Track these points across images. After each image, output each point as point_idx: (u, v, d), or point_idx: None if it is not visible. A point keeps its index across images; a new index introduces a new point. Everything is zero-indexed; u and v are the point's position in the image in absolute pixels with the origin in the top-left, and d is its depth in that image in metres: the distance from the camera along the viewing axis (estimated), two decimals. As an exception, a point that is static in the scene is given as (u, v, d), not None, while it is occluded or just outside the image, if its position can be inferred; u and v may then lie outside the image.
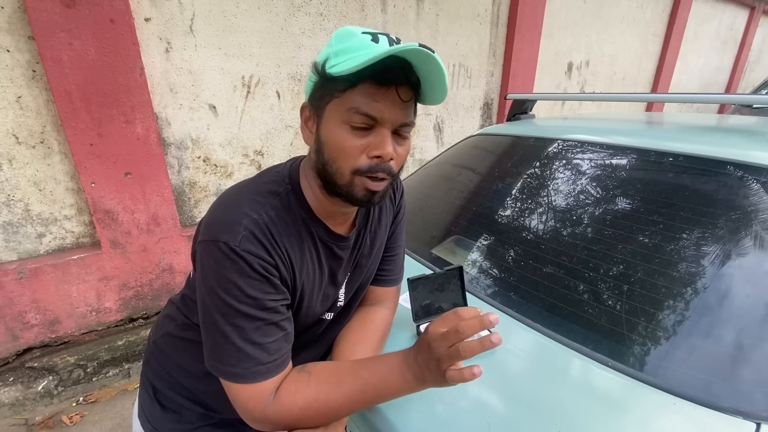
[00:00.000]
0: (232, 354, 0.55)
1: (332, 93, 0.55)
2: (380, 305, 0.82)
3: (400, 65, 0.52)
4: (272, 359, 0.57)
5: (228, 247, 0.54)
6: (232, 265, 0.54)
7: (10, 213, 1.67)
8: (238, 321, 0.55)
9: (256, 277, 0.55)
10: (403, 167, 0.64)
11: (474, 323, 0.49)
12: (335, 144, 0.56)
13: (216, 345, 0.56)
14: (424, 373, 0.54)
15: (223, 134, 2.13)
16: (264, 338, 0.56)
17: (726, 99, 1.25)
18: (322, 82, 0.56)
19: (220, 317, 0.55)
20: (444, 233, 1.20)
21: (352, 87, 0.53)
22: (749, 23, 6.59)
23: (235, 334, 0.55)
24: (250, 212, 0.57)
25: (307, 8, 2.22)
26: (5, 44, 1.51)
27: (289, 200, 0.62)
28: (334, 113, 0.55)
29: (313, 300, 0.67)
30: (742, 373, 0.63)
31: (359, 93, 0.53)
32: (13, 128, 1.59)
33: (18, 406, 1.77)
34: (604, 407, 0.63)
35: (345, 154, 0.55)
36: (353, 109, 0.53)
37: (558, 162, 1.17)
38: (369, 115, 0.53)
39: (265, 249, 0.56)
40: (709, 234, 0.80)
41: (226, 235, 0.54)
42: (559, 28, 3.76)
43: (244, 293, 0.54)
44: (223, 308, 0.55)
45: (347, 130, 0.55)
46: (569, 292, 0.84)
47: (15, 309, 1.71)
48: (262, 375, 0.56)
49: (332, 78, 0.53)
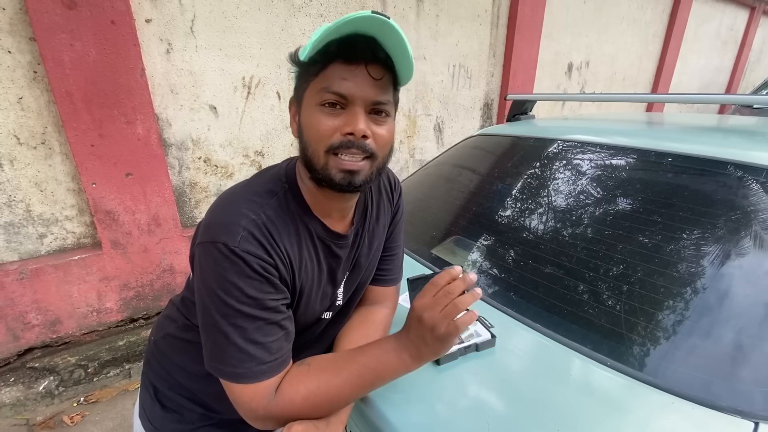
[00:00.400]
0: (234, 355, 0.56)
1: (307, 78, 0.56)
2: (380, 305, 0.82)
3: (366, 42, 0.53)
4: (274, 358, 0.57)
5: (227, 248, 0.54)
6: (232, 265, 0.54)
7: (11, 213, 1.68)
8: (239, 321, 0.55)
9: (256, 278, 0.55)
10: (391, 153, 0.63)
11: (459, 284, 0.55)
12: (310, 126, 0.56)
13: (217, 346, 0.57)
14: (420, 348, 0.57)
15: (224, 135, 2.14)
16: (265, 338, 0.57)
17: (726, 99, 1.25)
18: (299, 71, 0.58)
19: (220, 318, 0.55)
20: (444, 233, 1.20)
21: (323, 69, 0.54)
22: (749, 23, 6.59)
23: (237, 335, 0.55)
24: (248, 213, 0.57)
25: (308, 9, 2.23)
26: (7, 45, 1.52)
27: (286, 199, 0.62)
28: (310, 98, 0.56)
29: (312, 298, 0.67)
30: (741, 373, 0.63)
31: (329, 73, 0.54)
32: (14, 129, 1.60)
33: (19, 406, 1.78)
34: (603, 407, 0.63)
35: (319, 134, 0.55)
36: (324, 89, 0.54)
37: (558, 162, 1.18)
38: (338, 93, 0.54)
39: (264, 249, 0.56)
40: (709, 234, 0.80)
41: (225, 236, 0.54)
42: (559, 29, 3.76)
43: (245, 293, 0.55)
44: (224, 309, 0.55)
45: (320, 111, 0.55)
46: (569, 292, 0.84)
47: (16, 309, 1.71)
48: (264, 374, 0.57)
49: (305, 63, 0.56)
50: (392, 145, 0.62)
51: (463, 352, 0.75)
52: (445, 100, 3.14)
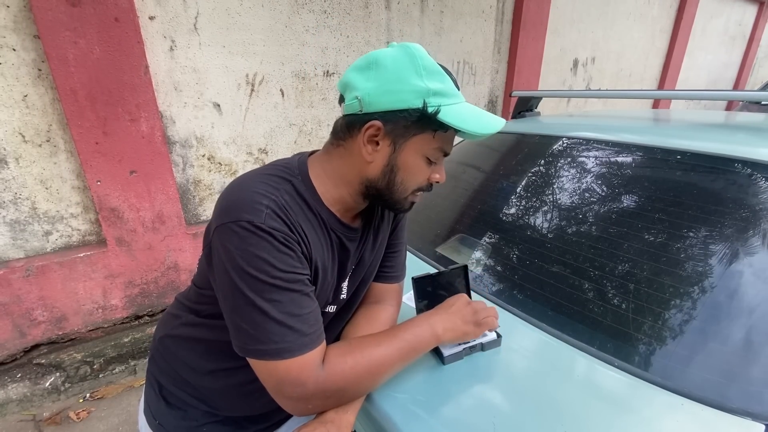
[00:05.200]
0: (274, 330, 0.55)
1: (423, 128, 0.61)
2: (385, 303, 0.82)
3: None
4: (313, 330, 0.58)
5: (253, 225, 0.54)
6: (260, 241, 0.54)
7: (17, 211, 1.69)
8: (275, 295, 0.55)
9: (285, 251, 0.56)
10: None
11: None
12: (413, 171, 0.64)
13: (255, 325, 0.55)
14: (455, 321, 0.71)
15: (228, 132, 2.13)
16: (302, 310, 0.57)
17: (734, 96, 1.23)
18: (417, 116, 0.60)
19: (255, 295, 0.55)
20: (448, 232, 1.20)
21: (446, 131, 0.61)
22: (758, 19, 6.51)
23: (275, 310, 0.55)
24: (267, 193, 0.58)
25: (311, 6, 2.22)
26: (11, 43, 1.52)
27: (299, 188, 0.63)
28: (420, 146, 0.62)
29: (323, 284, 0.67)
30: (752, 374, 0.62)
31: (448, 137, 0.64)
32: (19, 127, 1.60)
33: (26, 402, 1.79)
34: (610, 407, 0.63)
35: (417, 180, 0.65)
36: (440, 149, 0.64)
37: (563, 160, 1.17)
38: (447, 154, 0.66)
39: (287, 225, 0.57)
40: (717, 232, 0.79)
41: (250, 215, 0.55)
42: (565, 25, 3.72)
43: (276, 267, 0.55)
44: (257, 285, 0.55)
45: (426, 162, 0.64)
46: (575, 291, 0.83)
47: (23, 306, 1.72)
48: (307, 346, 0.57)
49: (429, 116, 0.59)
50: None
51: (469, 351, 0.75)
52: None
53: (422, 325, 0.69)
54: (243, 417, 0.70)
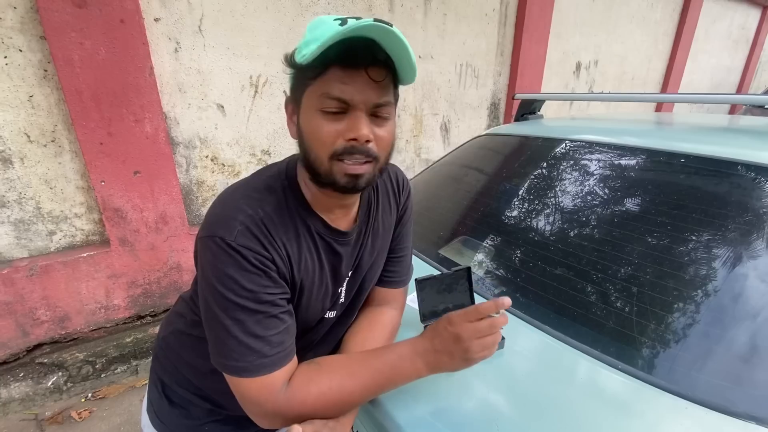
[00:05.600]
0: (235, 348, 0.56)
1: (305, 82, 0.55)
2: (388, 306, 0.82)
3: (365, 45, 0.51)
4: (275, 351, 0.57)
5: (224, 242, 0.54)
6: (229, 259, 0.55)
7: (21, 211, 1.69)
8: (239, 315, 0.55)
9: (254, 271, 0.55)
10: (392, 151, 0.62)
11: (504, 319, 0.60)
12: (312, 131, 0.55)
13: (219, 340, 0.57)
14: (441, 360, 0.60)
15: (231, 133, 2.14)
16: (266, 331, 0.57)
17: (737, 99, 1.23)
18: (296, 73, 0.57)
19: (220, 312, 0.55)
20: (451, 233, 1.20)
21: (322, 73, 0.52)
22: (761, 22, 6.50)
23: (237, 328, 0.55)
24: (245, 208, 0.57)
25: (315, 8, 2.23)
26: (18, 44, 1.53)
27: (285, 196, 0.62)
28: (309, 101, 0.55)
29: (313, 295, 0.66)
30: (757, 377, 0.62)
31: (329, 78, 0.52)
32: (24, 127, 1.61)
33: (28, 401, 1.80)
34: (613, 411, 0.62)
35: (321, 140, 0.55)
36: (324, 95, 0.53)
37: (566, 163, 1.17)
38: (340, 98, 0.52)
39: (260, 243, 0.56)
40: (721, 235, 0.79)
41: (222, 231, 0.55)
42: (568, 28, 3.73)
43: (242, 287, 0.55)
44: (223, 303, 0.55)
45: (321, 116, 0.54)
46: (578, 294, 0.83)
47: (26, 305, 1.73)
48: (266, 368, 0.57)
49: (302, 67, 0.53)
50: (394, 144, 0.62)
51: (471, 353, 0.74)
52: (452, 100, 3.13)
53: (404, 358, 0.61)
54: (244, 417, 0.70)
